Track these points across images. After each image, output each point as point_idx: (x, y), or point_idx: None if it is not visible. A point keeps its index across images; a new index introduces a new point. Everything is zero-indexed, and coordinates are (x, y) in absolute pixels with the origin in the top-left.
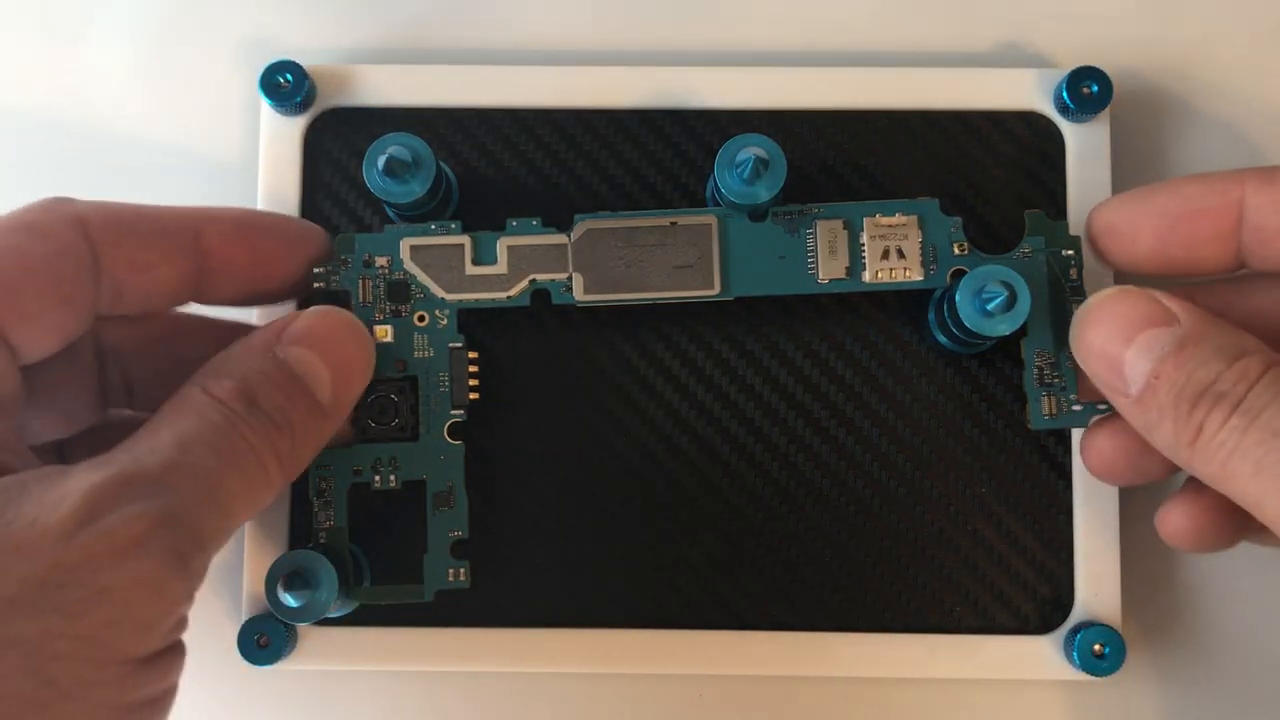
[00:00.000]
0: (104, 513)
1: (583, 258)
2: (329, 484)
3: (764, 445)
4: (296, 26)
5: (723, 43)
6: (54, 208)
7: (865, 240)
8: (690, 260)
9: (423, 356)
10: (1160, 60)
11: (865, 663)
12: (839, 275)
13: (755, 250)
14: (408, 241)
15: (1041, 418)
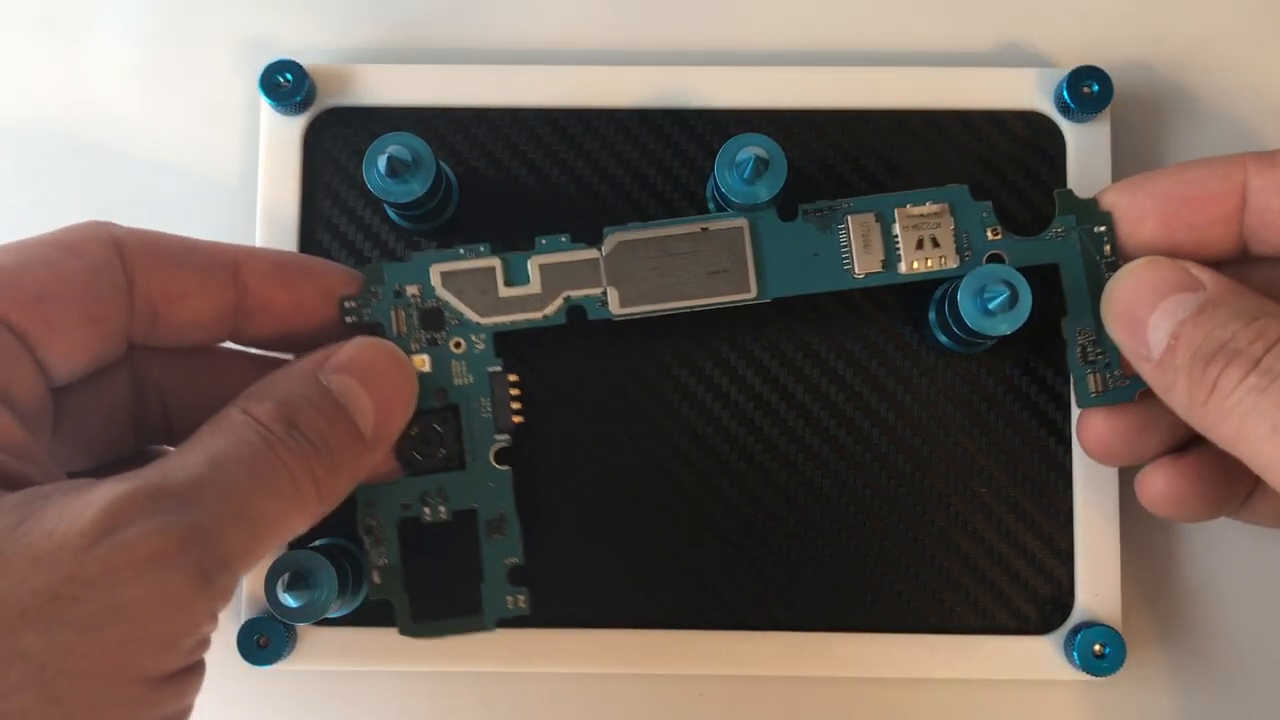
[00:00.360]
0: (125, 525)
1: (616, 271)
2: (377, 521)
3: (764, 445)
4: (296, 26)
5: (723, 42)
6: (91, 228)
7: (899, 231)
8: (724, 265)
9: (463, 384)
10: (1161, 60)
11: (865, 663)
12: (875, 269)
13: (788, 250)
14: (438, 268)
15: (1089, 396)
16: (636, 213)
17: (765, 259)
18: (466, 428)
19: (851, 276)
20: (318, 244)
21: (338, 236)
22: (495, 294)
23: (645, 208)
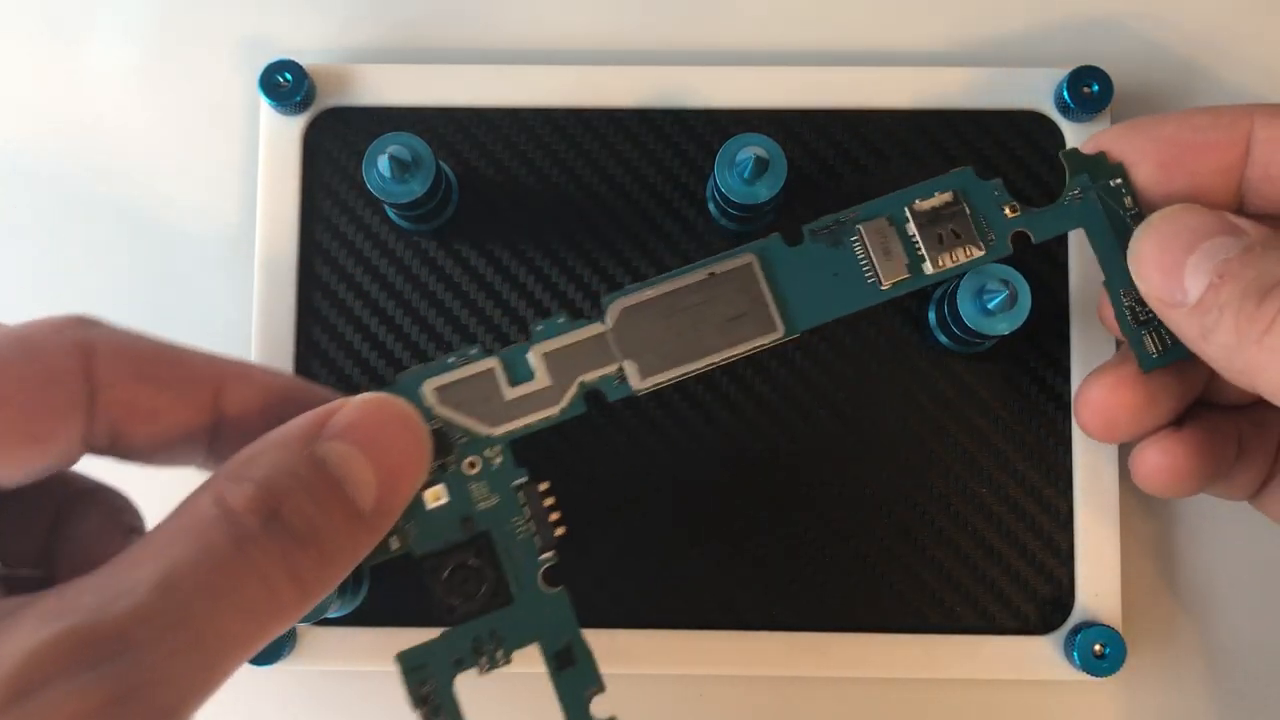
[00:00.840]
0: (43, 685)
1: (627, 341)
2: (432, 686)
3: (764, 445)
4: (296, 26)
5: (723, 42)
6: (60, 329)
7: (914, 231)
8: (742, 307)
9: (488, 506)
10: (1161, 60)
11: (865, 663)
12: (901, 275)
13: (805, 276)
14: (431, 384)
15: (1150, 358)
16: (636, 213)
17: (784, 290)
18: (504, 555)
19: (879, 289)
20: (317, 244)
21: (337, 236)
22: (501, 398)
23: (645, 208)
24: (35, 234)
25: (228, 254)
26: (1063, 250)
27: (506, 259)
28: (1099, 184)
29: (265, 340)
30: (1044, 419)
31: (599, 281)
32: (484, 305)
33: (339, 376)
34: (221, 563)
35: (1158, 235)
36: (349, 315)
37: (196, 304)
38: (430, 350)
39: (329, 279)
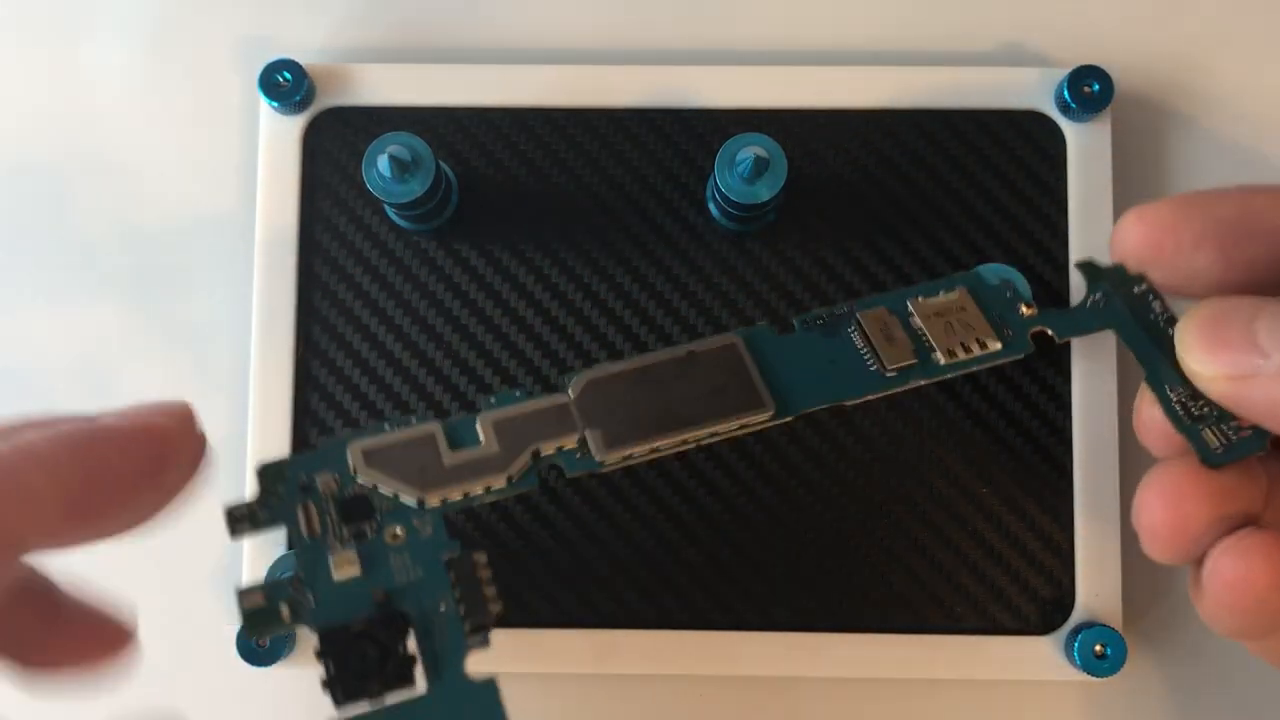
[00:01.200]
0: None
1: (592, 412)
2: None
3: (763, 445)
4: (295, 25)
5: (723, 42)
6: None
7: (920, 324)
8: (724, 380)
9: (409, 582)
10: (1161, 59)
11: (865, 663)
12: (908, 360)
13: (797, 363)
14: (357, 447)
15: (1214, 454)
16: (637, 213)
17: (773, 372)
18: (424, 636)
19: (884, 377)
20: (317, 244)
21: (337, 236)
22: (439, 464)
23: (645, 208)
24: (35, 233)
25: (227, 254)
26: (1063, 249)
27: (506, 259)
28: (1121, 292)
29: (264, 340)
30: (1044, 419)
31: (599, 281)
32: (484, 305)
33: (338, 377)
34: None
35: (1211, 312)
36: (349, 315)
37: (196, 304)
38: (430, 350)
39: (329, 279)
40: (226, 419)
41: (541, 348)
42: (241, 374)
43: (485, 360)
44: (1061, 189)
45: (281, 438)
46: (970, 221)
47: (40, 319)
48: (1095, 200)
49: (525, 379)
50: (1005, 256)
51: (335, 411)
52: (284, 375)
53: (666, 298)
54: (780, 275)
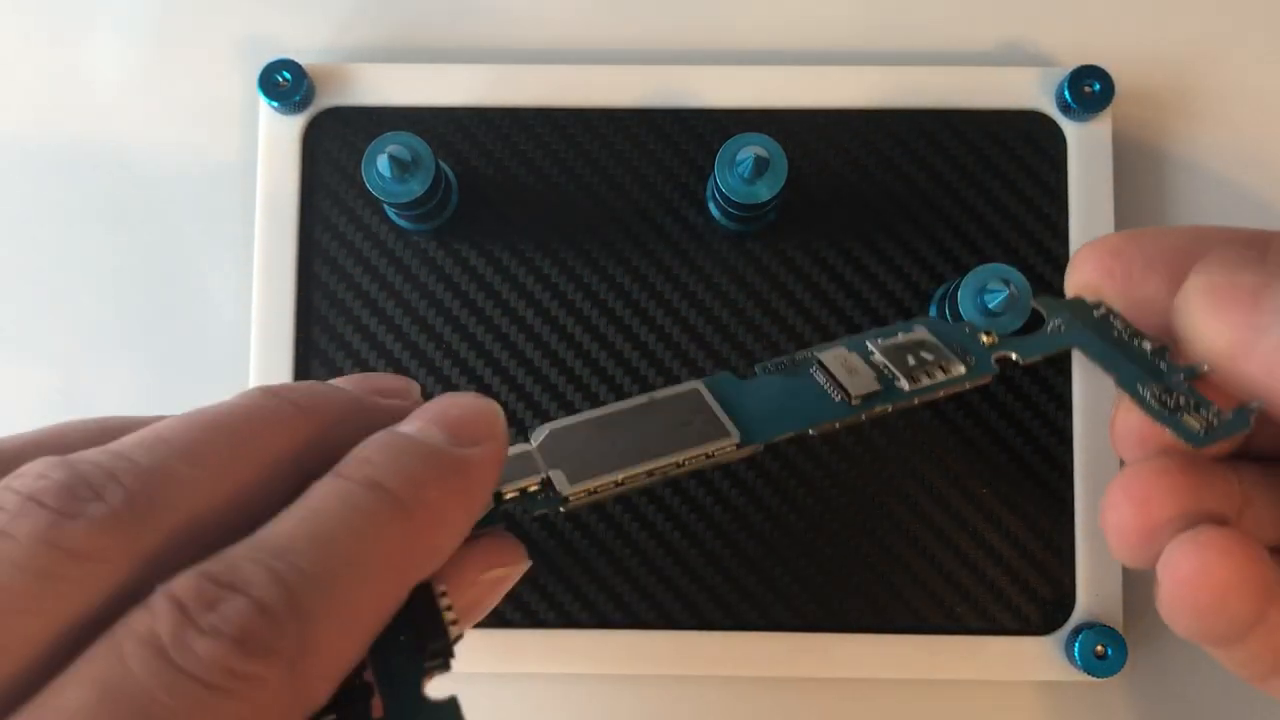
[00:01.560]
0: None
1: (554, 455)
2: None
3: (765, 448)
4: (295, 25)
5: (723, 42)
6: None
7: (881, 359)
8: (687, 417)
9: None
10: (1162, 59)
11: (865, 663)
12: (872, 388)
13: (760, 399)
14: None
15: (1199, 436)
16: (637, 213)
17: (736, 408)
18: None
19: (849, 405)
20: (317, 244)
21: (337, 236)
22: None
23: (645, 208)
24: (35, 233)
25: (227, 254)
26: (1064, 249)
27: (506, 259)
28: (1080, 319)
29: (264, 340)
30: (1045, 419)
31: (599, 281)
32: (483, 305)
33: (338, 376)
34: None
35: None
36: (348, 315)
37: (196, 304)
38: (429, 350)
39: (328, 279)
40: None
41: (541, 348)
42: (241, 374)
43: (485, 360)
44: (1062, 188)
45: None
46: (971, 221)
47: (40, 318)
48: (1096, 200)
49: (525, 379)
50: (1006, 256)
51: None
52: (284, 375)
53: (666, 298)
54: (780, 275)
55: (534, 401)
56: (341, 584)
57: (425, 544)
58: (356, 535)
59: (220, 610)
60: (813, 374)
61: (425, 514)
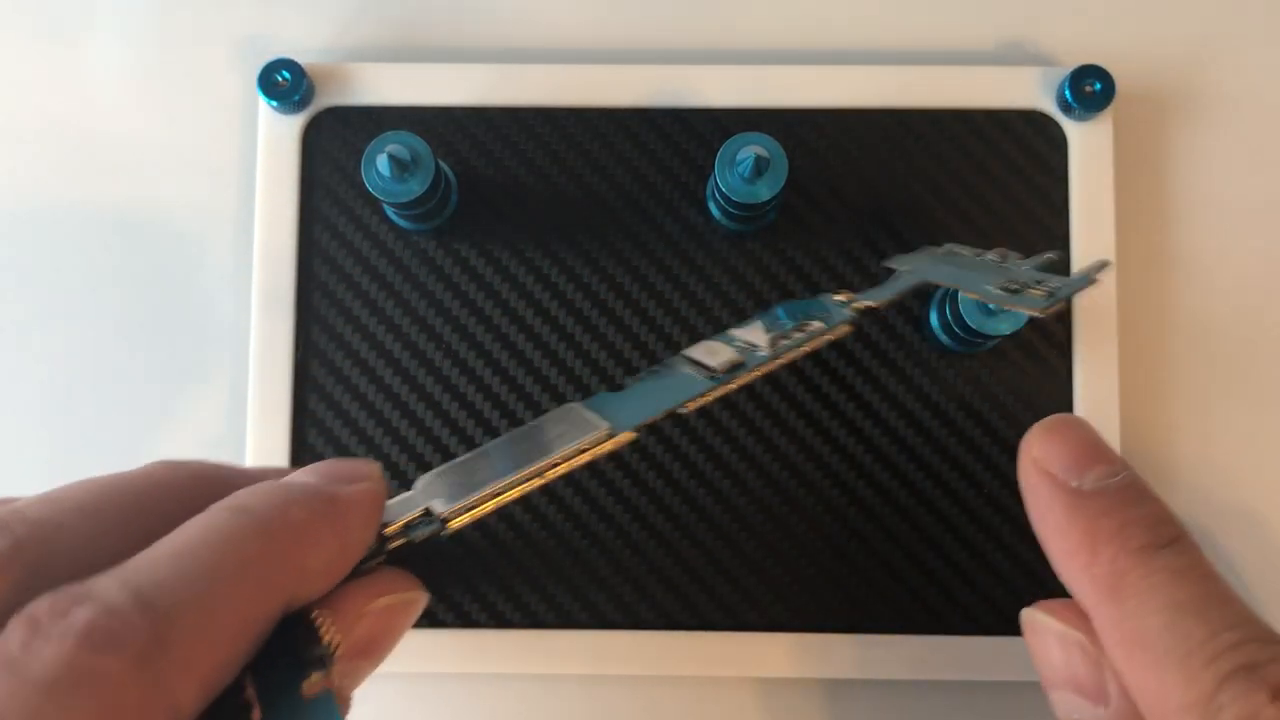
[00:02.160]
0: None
1: (436, 490)
2: None
3: (764, 446)
4: (295, 25)
5: (723, 41)
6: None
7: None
8: (563, 429)
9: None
10: (1163, 58)
11: (865, 663)
12: (734, 360)
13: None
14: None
15: (1042, 301)
16: (637, 213)
17: (609, 410)
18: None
19: (715, 378)
20: (317, 244)
21: (336, 236)
22: None
23: (645, 208)
24: (34, 233)
25: (226, 254)
26: (1065, 249)
27: (506, 259)
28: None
29: (263, 339)
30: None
31: (599, 281)
32: (483, 305)
33: (338, 377)
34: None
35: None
36: (348, 315)
37: (195, 304)
38: (429, 350)
39: (328, 279)
40: (226, 419)
41: (541, 348)
42: (241, 374)
43: (485, 360)
44: (1063, 188)
45: (281, 438)
46: (971, 221)
47: (39, 318)
48: (1097, 199)
49: (525, 379)
50: None
51: (334, 411)
52: (283, 375)
53: (666, 298)
54: (780, 275)
55: (534, 402)
56: (196, 587)
57: (290, 560)
58: (213, 547)
59: (69, 617)
60: (680, 369)
61: (287, 530)
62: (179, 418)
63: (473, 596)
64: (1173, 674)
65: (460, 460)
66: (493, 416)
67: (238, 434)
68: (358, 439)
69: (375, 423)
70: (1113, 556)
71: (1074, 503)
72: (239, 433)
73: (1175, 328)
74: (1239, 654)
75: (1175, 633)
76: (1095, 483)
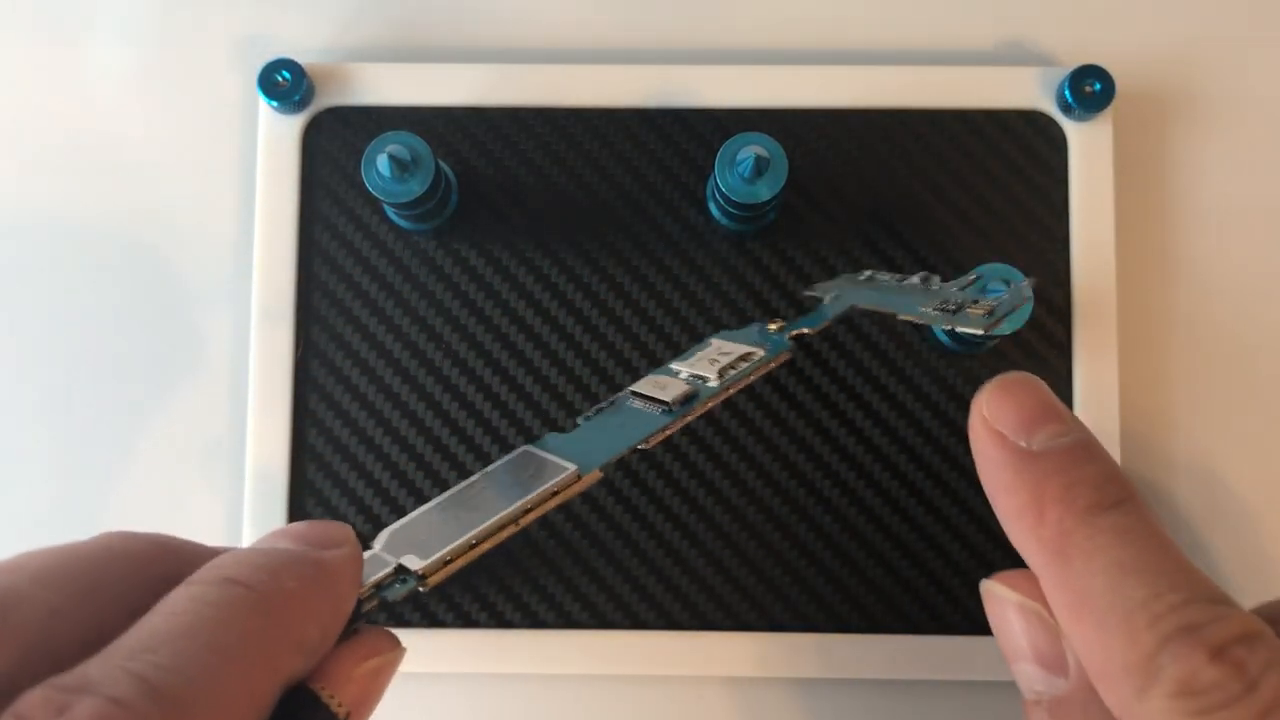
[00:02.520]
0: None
1: (402, 546)
2: None
3: (765, 446)
4: (295, 25)
5: (723, 41)
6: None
7: (688, 372)
8: (524, 475)
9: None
10: (1163, 58)
11: (865, 663)
12: (686, 391)
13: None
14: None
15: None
16: (637, 213)
17: (568, 452)
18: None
19: (670, 412)
20: (317, 244)
21: (336, 236)
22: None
23: (645, 208)
24: (34, 233)
25: (226, 254)
26: (1065, 249)
27: (506, 259)
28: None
29: (263, 339)
30: None
31: (599, 281)
32: (483, 305)
33: (338, 377)
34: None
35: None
36: (348, 315)
37: (196, 303)
38: (429, 350)
39: (328, 279)
40: (226, 419)
41: (541, 348)
42: (241, 374)
43: (485, 360)
44: (1063, 188)
45: (281, 438)
46: (971, 221)
47: (38, 318)
48: (1096, 199)
49: (525, 379)
50: (1006, 256)
51: (334, 411)
52: (283, 375)
53: (666, 298)
54: (780, 275)
55: (534, 402)
56: (207, 670)
57: (290, 634)
58: (214, 624)
59: (70, 713)
60: (629, 405)
61: (284, 602)
62: (179, 418)
63: (473, 596)
64: (1115, 634)
65: (420, 511)
66: (493, 416)
67: (238, 434)
68: (358, 439)
69: (375, 422)
70: (1059, 517)
71: (1021, 463)
72: (239, 433)
73: (1175, 327)
74: (1181, 615)
75: (1118, 593)
76: (1044, 443)
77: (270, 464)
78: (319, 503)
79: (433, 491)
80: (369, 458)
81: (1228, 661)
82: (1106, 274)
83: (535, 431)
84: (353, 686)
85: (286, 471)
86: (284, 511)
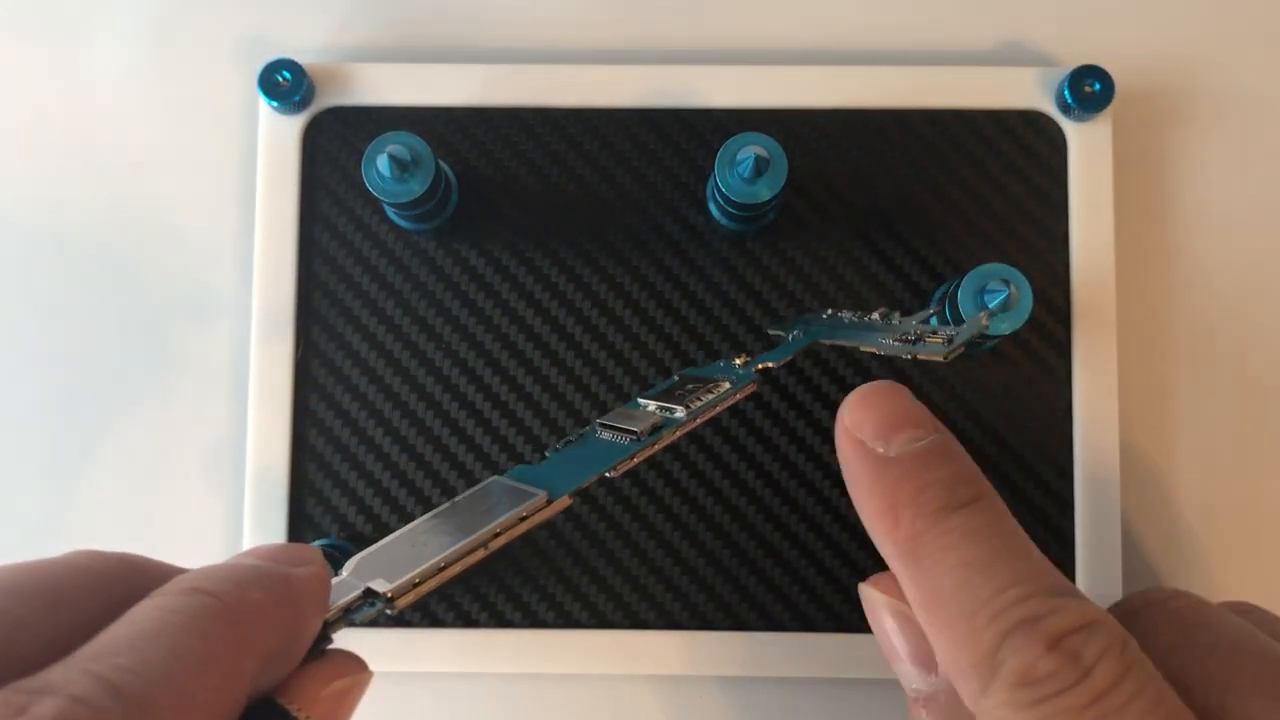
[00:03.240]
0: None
1: (370, 571)
2: None
3: (764, 445)
4: (295, 25)
5: (724, 41)
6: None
7: (654, 405)
8: (494, 501)
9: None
10: (1162, 58)
11: (865, 663)
12: (655, 422)
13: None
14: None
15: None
16: (637, 213)
17: (537, 481)
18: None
19: (639, 441)
20: (317, 244)
21: (336, 236)
22: None
23: (645, 208)
24: (34, 233)
25: (227, 254)
26: (1064, 249)
27: (506, 259)
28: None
29: (264, 340)
30: (1045, 418)
31: (599, 281)
32: (483, 305)
33: (338, 377)
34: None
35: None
36: (348, 315)
37: (196, 303)
38: (429, 350)
39: (328, 278)
40: (227, 419)
41: (541, 348)
42: (241, 374)
43: (485, 360)
44: (1062, 188)
45: (281, 438)
46: (971, 221)
47: (38, 319)
48: (1096, 200)
49: (525, 378)
50: (1006, 256)
51: (335, 411)
52: (284, 374)
53: (666, 298)
54: (780, 275)
55: (534, 401)
56: (170, 672)
57: (255, 644)
58: (177, 629)
59: (31, 712)
60: (599, 436)
61: (249, 611)
62: (179, 418)
63: (473, 596)
64: (961, 633)
65: (389, 539)
66: (493, 416)
67: (238, 434)
68: (358, 439)
69: (375, 422)
70: (912, 519)
71: (878, 469)
72: (239, 432)
73: (1174, 327)
74: (1021, 608)
75: (965, 592)
76: (900, 447)
77: (271, 464)
78: (319, 503)
79: (433, 491)
80: (369, 458)
81: (1063, 651)
82: (1106, 274)
83: (535, 431)
84: (319, 707)
85: (287, 471)
86: (284, 511)
